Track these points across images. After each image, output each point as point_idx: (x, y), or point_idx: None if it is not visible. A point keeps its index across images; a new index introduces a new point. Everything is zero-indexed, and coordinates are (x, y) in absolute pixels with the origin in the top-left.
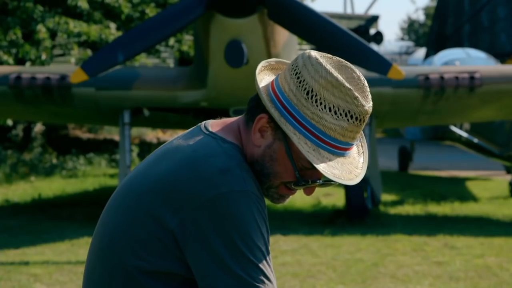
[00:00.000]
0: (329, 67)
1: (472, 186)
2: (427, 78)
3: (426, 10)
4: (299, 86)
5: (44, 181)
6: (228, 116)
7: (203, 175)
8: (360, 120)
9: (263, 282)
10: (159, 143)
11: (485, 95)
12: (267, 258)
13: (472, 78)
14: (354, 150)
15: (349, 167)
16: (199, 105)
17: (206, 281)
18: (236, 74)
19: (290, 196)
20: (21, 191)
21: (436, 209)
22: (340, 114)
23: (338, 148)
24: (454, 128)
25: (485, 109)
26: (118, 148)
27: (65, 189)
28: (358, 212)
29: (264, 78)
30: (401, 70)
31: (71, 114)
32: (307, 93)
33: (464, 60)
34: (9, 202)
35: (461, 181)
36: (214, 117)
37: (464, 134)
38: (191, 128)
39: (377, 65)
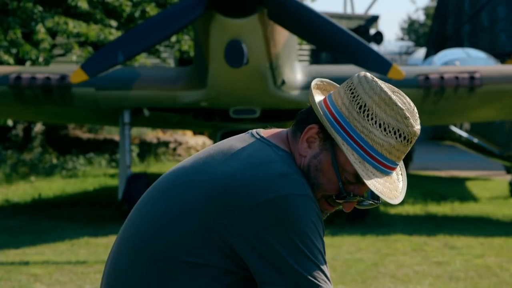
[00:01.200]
0: (384, 86)
1: (472, 186)
2: (427, 78)
3: (426, 10)
4: (353, 100)
5: (44, 181)
6: (228, 116)
7: (262, 178)
8: (408, 140)
9: (325, 282)
10: (159, 143)
11: (485, 95)
12: (325, 261)
13: (472, 78)
14: (394, 174)
15: (390, 186)
16: (199, 105)
17: (264, 279)
18: (236, 74)
19: (328, 214)
20: (21, 191)
21: (436, 209)
22: (389, 132)
23: (383, 165)
24: (454, 128)
25: (485, 109)
26: (118, 148)
27: (65, 189)
28: (358, 212)
29: (316, 94)
30: (401, 70)
31: (71, 114)
32: (360, 107)
33: (464, 60)
34: (9, 202)
35: (461, 181)
36: (213, 117)
37: (464, 134)
38: (241, 134)
39: (377, 65)
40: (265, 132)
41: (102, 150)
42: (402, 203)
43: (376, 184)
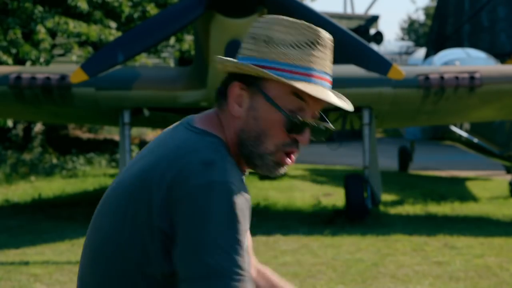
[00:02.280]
0: (275, 16)
1: (472, 186)
2: (427, 78)
3: (426, 10)
4: (256, 41)
5: (44, 181)
6: None
7: (186, 169)
8: (323, 45)
9: (237, 273)
10: None
11: (485, 95)
12: (242, 248)
13: (472, 78)
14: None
15: (332, 94)
16: (199, 105)
17: (182, 271)
18: None
19: (286, 167)
20: (21, 191)
21: (436, 209)
22: (303, 45)
23: (314, 76)
24: (454, 128)
25: (485, 109)
26: (118, 148)
27: (65, 189)
28: (358, 212)
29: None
30: (401, 70)
31: (71, 114)
32: (265, 41)
33: (464, 60)
34: (9, 202)
35: (461, 181)
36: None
37: (464, 134)
38: (174, 124)
39: (377, 65)
40: (196, 118)
41: (102, 150)
42: (402, 203)
43: (316, 92)
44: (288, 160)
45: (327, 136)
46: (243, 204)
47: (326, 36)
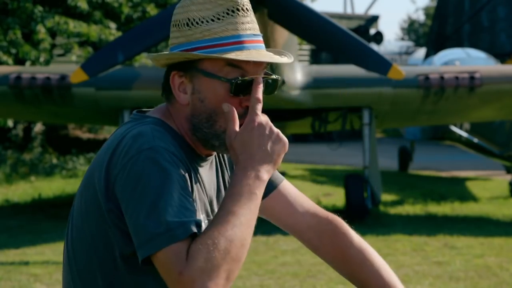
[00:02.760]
0: None
1: (472, 186)
2: (427, 78)
3: (426, 10)
4: (178, 28)
5: (44, 181)
6: None
7: (119, 148)
8: (243, 9)
9: (177, 224)
10: None
11: (485, 95)
12: (183, 201)
13: (472, 78)
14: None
15: (268, 52)
16: None
17: (134, 242)
18: None
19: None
20: (21, 191)
21: (436, 209)
22: (223, 16)
23: (244, 42)
24: (454, 128)
25: (485, 109)
26: None
27: (65, 189)
28: (358, 212)
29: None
30: (401, 70)
31: (71, 114)
32: (187, 25)
33: (464, 60)
34: (9, 202)
35: (461, 181)
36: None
37: (464, 134)
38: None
39: (377, 65)
40: (146, 110)
41: None
42: (402, 203)
43: (250, 53)
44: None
45: (276, 88)
46: (175, 161)
47: (243, 0)
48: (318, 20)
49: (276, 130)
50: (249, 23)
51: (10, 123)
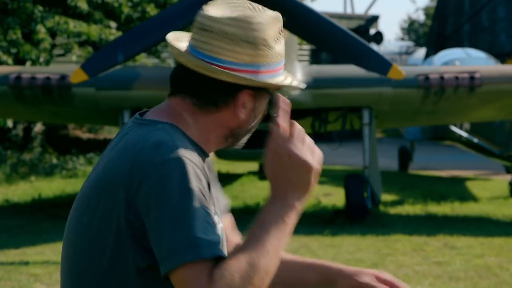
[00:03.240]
0: (246, 14)
1: (472, 186)
2: (427, 78)
3: (426, 10)
4: (255, 45)
5: (44, 181)
6: None
7: (139, 157)
8: (281, 31)
9: (202, 241)
10: None
11: (485, 95)
12: (205, 215)
13: (472, 78)
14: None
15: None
16: None
17: (156, 255)
18: None
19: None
20: (21, 191)
21: (436, 209)
22: (279, 37)
23: (283, 67)
24: (454, 128)
25: (485, 109)
26: None
27: (65, 189)
28: (358, 212)
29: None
30: (401, 70)
31: (71, 114)
32: (264, 45)
33: (464, 60)
34: (9, 202)
35: (461, 181)
36: None
37: (464, 134)
38: (129, 121)
39: (377, 65)
40: (146, 113)
41: (102, 150)
42: (402, 203)
43: (289, 80)
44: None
45: None
46: (198, 174)
47: (278, 17)
48: (318, 20)
49: (310, 160)
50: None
51: (10, 123)
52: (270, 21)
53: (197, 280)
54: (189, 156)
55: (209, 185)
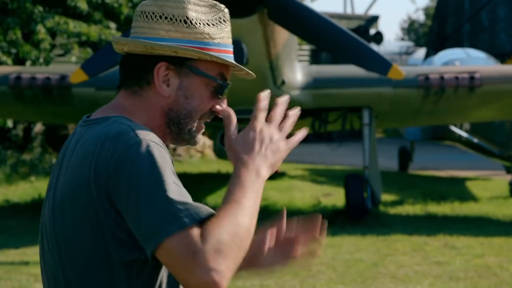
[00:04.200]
0: None
1: (472, 186)
2: (427, 78)
3: (426, 10)
4: (172, 22)
5: (44, 181)
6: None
7: (103, 153)
8: (229, 20)
9: (182, 211)
10: None
11: (485, 95)
12: (180, 188)
13: (472, 78)
14: None
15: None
16: None
17: (139, 240)
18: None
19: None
20: (21, 191)
21: (436, 209)
22: (217, 24)
23: (229, 52)
24: (454, 128)
25: (485, 109)
26: None
27: None
28: (358, 212)
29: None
30: (401, 70)
31: (71, 114)
32: (184, 22)
33: (464, 60)
34: (9, 202)
35: (461, 181)
36: (213, 117)
37: (464, 134)
38: (74, 129)
39: (377, 65)
40: (94, 113)
41: None
42: (402, 203)
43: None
44: (203, 126)
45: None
46: (162, 152)
47: (227, 11)
48: (318, 20)
49: (276, 139)
50: (230, 33)
51: (10, 123)
52: (192, 1)
53: (188, 247)
54: (149, 138)
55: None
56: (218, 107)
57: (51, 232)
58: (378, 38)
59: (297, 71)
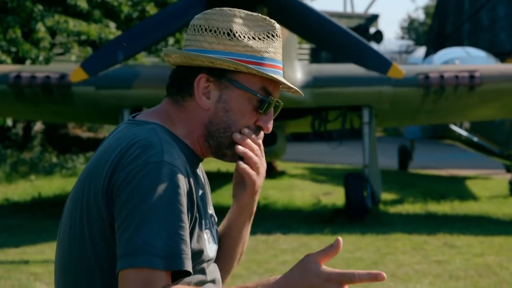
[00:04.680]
0: (230, 8)
1: (472, 185)
2: (427, 77)
3: (426, 9)
4: (215, 34)
5: (44, 180)
6: None
7: (125, 156)
8: (277, 35)
9: (163, 251)
10: None
11: (485, 94)
12: (176, 227)
13: (472, 77)
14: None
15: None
16: None
17: (118, 250)
18: None
19: None
20: (21, 190)
21: (436, 208)
22: (264, 38)
23: (277, 67)
24: (454, 127)
25: (485, 108)
26: None
27: (65, 188)
28: (358, 211)
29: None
30: (401, 69)
31: (71, 113)
32: (228, 35)
33: (464, 59)
34: (9, 201)
35: (461, 180)
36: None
37: (464, 133)
38: (120, 123)
39: (377, 64)
40: (139, 114)
41: None
42: (402, 202)
43: (282, 79)
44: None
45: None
46: (180, 183)
47: (279, 26)
48: (318, 19)
49: None
50: (279, 49)
51: (9, 122)
52: (240, 15)
53: (133, 286)
54: (175, 163)
55: (194, 189)
56: (266, 122)
57: (66, 215)
58: (378, 37)
59: (297, 70)
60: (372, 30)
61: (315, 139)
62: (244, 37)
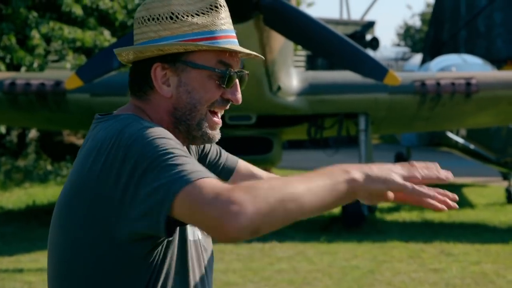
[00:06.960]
0: None
1: (468, 193)
2: (423, 84)
3: (423, 15)
4: (159, 21)
5: (39, 187)
6: (223, 122)
7: (114, 148)
8: (221, 5)
9: (186, 174)
10: None
11: (482, 101)
12: (182, 158)
13: (468, 84)
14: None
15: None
16: None
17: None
18: None
19: (218, 131)
20: (15, 197)
21: (432, 215)
22: (207, 11)
23: (228, 37)
24: (450, 134)
25: (482, 115)
26: None
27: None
28: (354, 219)
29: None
30: (397, 76)
31: (65, 120)
32: (170, 18)
33: (461, 66)
34: (3, 209)
35: (458, 187)
36: None
37: (460, 140)
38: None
39: (373, 71)
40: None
41: None
42: (398, 209)
43: (238, 48)
44: (218, 120)
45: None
46: (164, 131)
47: None
48: (314, 26)
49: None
50: (228, 18)
51: (3, 129)
52: None
53: (209, 187)
54: (154, 125)
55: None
56: (233, 94)
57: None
58: (374, 43)
59: (293, 77)
60: (368, 37)
61: (311, 146)
62: (187, 16)
